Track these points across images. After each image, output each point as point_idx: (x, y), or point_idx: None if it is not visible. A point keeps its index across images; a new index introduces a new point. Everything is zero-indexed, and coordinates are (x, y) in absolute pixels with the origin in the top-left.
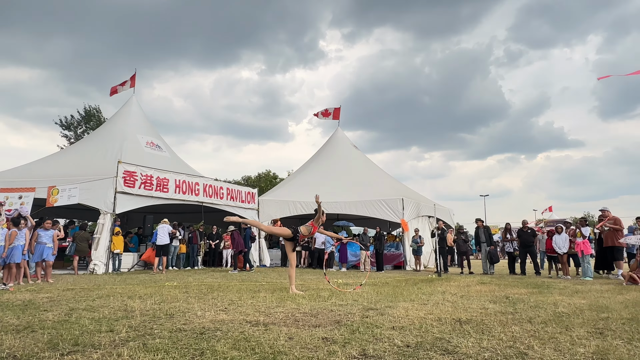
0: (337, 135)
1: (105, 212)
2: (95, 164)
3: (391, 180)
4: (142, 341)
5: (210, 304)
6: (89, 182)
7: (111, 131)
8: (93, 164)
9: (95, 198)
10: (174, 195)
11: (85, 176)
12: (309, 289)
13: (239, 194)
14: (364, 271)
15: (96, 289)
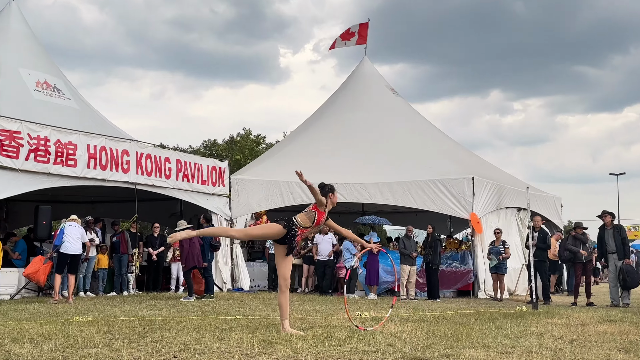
0: (362, 70)
1: None
2: None
3: (454, 148)
4: None
5: (148, 350)
6: None
7: None
8: None
9: None
10: (87, 171)
11: None
12: (314, 326)
13: (197, 170)
14: (405, 298)
15: None
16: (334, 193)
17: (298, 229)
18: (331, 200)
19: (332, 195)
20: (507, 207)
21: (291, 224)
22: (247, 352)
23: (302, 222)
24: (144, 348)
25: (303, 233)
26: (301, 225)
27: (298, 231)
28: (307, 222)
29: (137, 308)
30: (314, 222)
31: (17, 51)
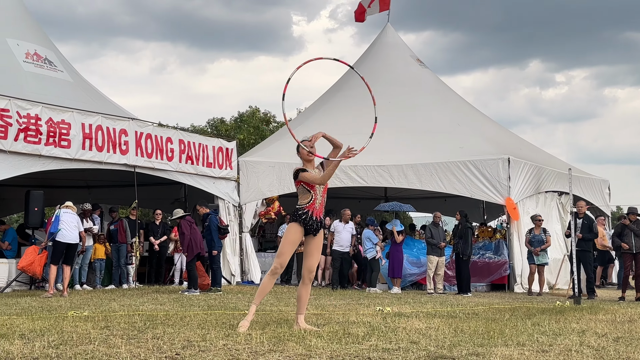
0: (385, 39)
1: None
2: None
3: (488, 126)
4: None
5: (149, 347)
6: None
7: None
8: None
9: None
10: (82, 153)
11: None
12: (330, 322)
13: (202, 151)
14: (432, 292)
15: None
16: (298, 151)
17: (305, 208)
18: (302, 158)
19: (298, 153)
20: (546, 191)
21: (297, 212)
22: (256, 350)
23: (302, 201)
24: (144, 345)
25: (312, 207)
26: (305, 204)
27: (307, 210)
28: (304, 197)
29: (138, 302)
30: (310, 189)
31: (4, 20)
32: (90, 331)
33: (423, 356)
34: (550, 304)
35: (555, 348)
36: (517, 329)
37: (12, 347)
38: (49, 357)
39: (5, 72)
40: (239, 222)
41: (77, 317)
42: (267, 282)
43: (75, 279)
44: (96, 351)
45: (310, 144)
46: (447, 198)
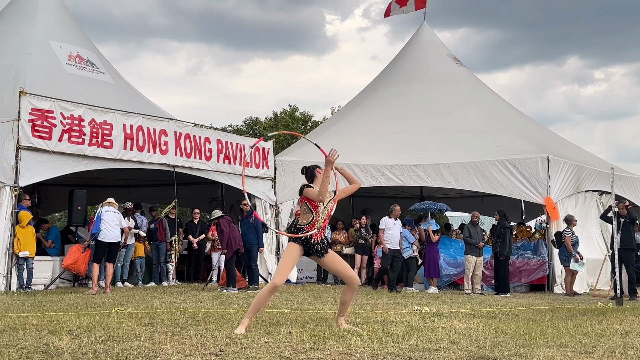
0: (421, 38)
1: (0, 185)
2: None
3: (526, 124)
4: None
5: (193, 344)
6: None
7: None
8: None
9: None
10: (123, 153)
11: None
12: (369, 321)
13: (239, 150)
14: (470, 292)
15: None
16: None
17: (305, 228)
18: (318, 179)
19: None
20: (586, 191)
21: (296, 232)
22: (298, 348)
23: (303, 221)
24: (188, 341)
25: (312, 228)
26: (305, 224)
27: (306, 230)
28: (305, 217)
29: (179, 299)
30: (312, 210)
31: (47, 23)
32: (135, 327)
33: (464, 356)
34: (592, 305)
35: (598, 349)
36: (558, 330)
37: (61, 342)
38: (97, 352)
39: (49, 75)
40: (276, 221)
41: (121, 314)
42: (265, 297)
43: (117, 277)
44: (142, 347)
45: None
46: (484, 197)
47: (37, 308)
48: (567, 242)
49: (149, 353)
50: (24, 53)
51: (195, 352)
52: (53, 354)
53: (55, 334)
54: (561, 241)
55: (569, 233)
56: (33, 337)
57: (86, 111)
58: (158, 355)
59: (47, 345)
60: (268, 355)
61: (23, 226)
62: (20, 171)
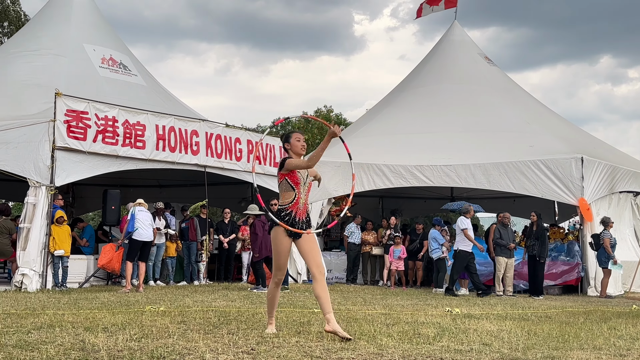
0: (451, 37)
1: (36, 185)
2: (14, 99)
3: (559, 123)
4: None
5: (225, 342)
6: (4, 130)
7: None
8: (10, 99)
9: (16, 159)
10: (155, 153)
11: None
12: (399, 322)
13: (269, 151)
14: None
15: (31, 316)
16: (289, 141)
17: (288, 208)
18: (292, 150)
19: (288, 144)
20: (622, 192)
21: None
22: (329, 347)
23: (284, 200)
24: (220, 340)
25: (296, 207)
26: (287, 204)
27: (290, 210)
28: (286, 196)
29: (210, 298)
30: (294, 187)
31: (81, 26)
32: (169, 325)
33: (497, 358)
34: (626, 307)
35: (633, 352)
36: (592, 333)
37: (97, 339)
38: (132, 349)
39: (83, 78)
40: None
41: (154, 312)
42: (275, 293)
43: (150, 275)
44: (176, 345)
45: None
46: (515, 198)
47: (73, 306)
48: (606, 244)
49: (182, 351)
50: (59, 55)
51: (228, 350)
52: (89, 351)
53: (91, 331)
54: (599, 243)
55: (607, 235)
56: (69, 334)
57: (120, 112)
58: (191, 352)
59: (83, 342)
60: (299, 354)
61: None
62: (55, 171)
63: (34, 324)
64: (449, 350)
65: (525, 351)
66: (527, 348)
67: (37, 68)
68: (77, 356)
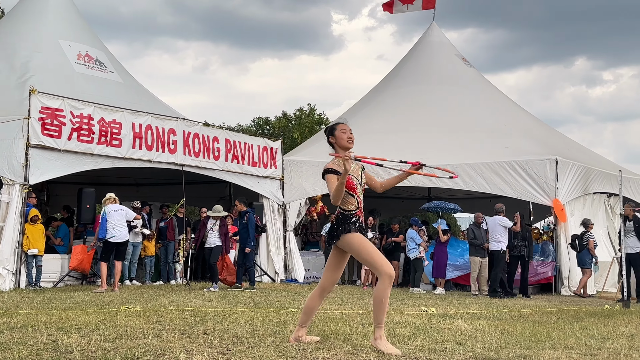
0: (430, 38)
1: (10, 183)
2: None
3: (534, 125)
4: None
5: (200, 342)
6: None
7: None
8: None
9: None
10: (132, 152)
11: None
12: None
13: (247, 150)
14: (477, 294)
15: (3, 315)
16: (333, 134)
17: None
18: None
19: (333, 137)
20: (596, 193)
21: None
22: (304, 348)
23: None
24: (196, 340)
25: (360, 213)
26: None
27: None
28: (349, 203)
29: (186, 298)
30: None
31: (56, 22)
32: (143, 325)
33: (470, 358)
34: (599, 307)
35: (603, 352)
36: (564, 332)
37: (70, 340)
38: (106, 350)
39: (58, 74)
40: (283, 221)
41: (129, 312)
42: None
43: (125, 275)
44: (150, 345)
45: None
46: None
47: (46, 305)
48: (591, 245)
49: (157, 351)
50: (34, 51)
51: (203, 350)
52: (62, 351)
53: (64, 331)
54: (583, 244)
55: (592, 236)
56: (42, 334)
57: (95, 110)
58: (166, 353)
59: (56, 342)
60: (275, 355)
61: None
62: (29, 169)
63: (6, 323)
64: (423, 349)
65: (498, 350)
66: (500, 347)
67: (10, 63)
68: (50, 357)
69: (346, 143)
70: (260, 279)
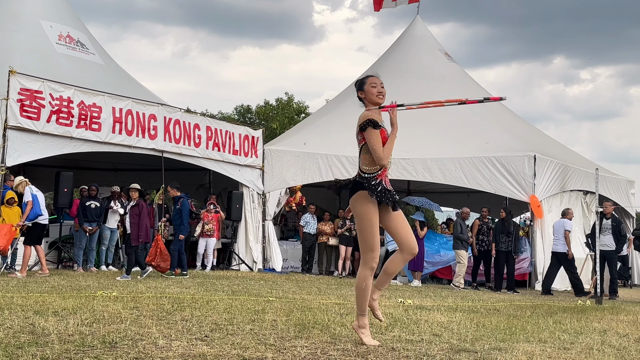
0: (413, 32)
1: None
2: None
3: (514, 121)
4: None
5: (178, 328)
6: None
7: None
8: None
9: None
10: (111, 136)
11: None
12: (353, 312)
13: (229, 138)
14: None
15: None
16: (362, 89)
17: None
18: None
19: (362, 92)
20: (573, 190)
21: (369, 182)
22: (282, 336)
23: (371, 167)
24: (174, 326)
25: (384, 175)
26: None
27: (379, 179)
28: (372, 162)
29: (164, 285)
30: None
31: (38, 2)
32: (121, 311)
33: (446, 349)
34: (572, 302)
35: (576, 346)
36: (538, 326)
37: (47, 323)
38: (83, 334)
39: (39, 54)
40: (263, 210)
41: (106, 297)
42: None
43: (102, 260)
44: (128, 330)
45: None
46: (470, 193)
47: (22, 289)
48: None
49: (135, 336)
50: (14, 31)
51: (182, 336)
52: (39, 334)
53: (41, 314)
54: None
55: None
56: (19, 317)
57: (75, 93)
58: (144, 338)
59: (33, 325)
60: (253, 342)
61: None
62: (7, 151)
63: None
64: (400, 340)
65: (473, 342)
66: (475, 339)
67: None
68: (27, 339)
69: (376, 98)
70: (238, 268)
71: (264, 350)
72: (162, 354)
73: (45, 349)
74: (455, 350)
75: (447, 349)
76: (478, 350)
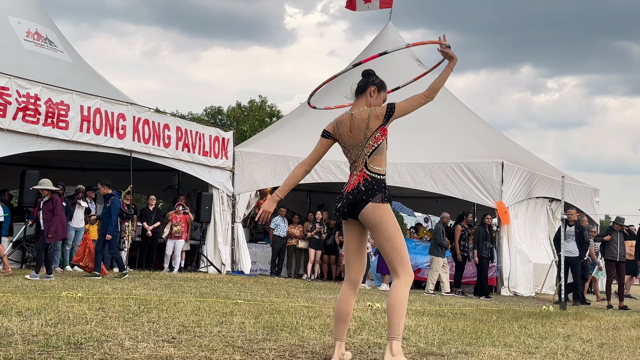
0: (385, 37)
1: None
2: None
3: (482, 128)
4: None
5: (145, 330)
6: None
7: None
8: None
9: None
10: (79, 135)
11: None
12: (321, 315)
13: (199, 139)
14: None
15: None
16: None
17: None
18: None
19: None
20: (539, 197)
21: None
22: (251, 338)
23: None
24: (141, 328)
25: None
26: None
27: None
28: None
29: (130, 286)
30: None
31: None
32: (86, 312)
33: (413, 352)
34: (537, 308)
35: (541, 350)
36: (504, 331)
37: (10, 323)
38: (48, 334)
39: (6, 50)
40: (232, 212)
41: (71, 298)
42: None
43: (67, 260)
44: (93, 331)
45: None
46: (438, 199)
47: None
48: (592, 251)
49: (100, 337)
50: None
51: (148, 338)
52: (3, 335)
53: (4, 314)
54: None
55: (592, 243)
56: None
57: (43, 90)
58: (110, 339)
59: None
60: (221, 344)
61: None
62: None
63: None
64: (368, 343)
65: (440, 346)
66: (442, 343)
67: None
68: None
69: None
70: (206, 270)
71: (232, 353)
72: (128, 355)
73: (9, 349)
74: (423, 353)
75: (414, 352)
76: (445, 354)
